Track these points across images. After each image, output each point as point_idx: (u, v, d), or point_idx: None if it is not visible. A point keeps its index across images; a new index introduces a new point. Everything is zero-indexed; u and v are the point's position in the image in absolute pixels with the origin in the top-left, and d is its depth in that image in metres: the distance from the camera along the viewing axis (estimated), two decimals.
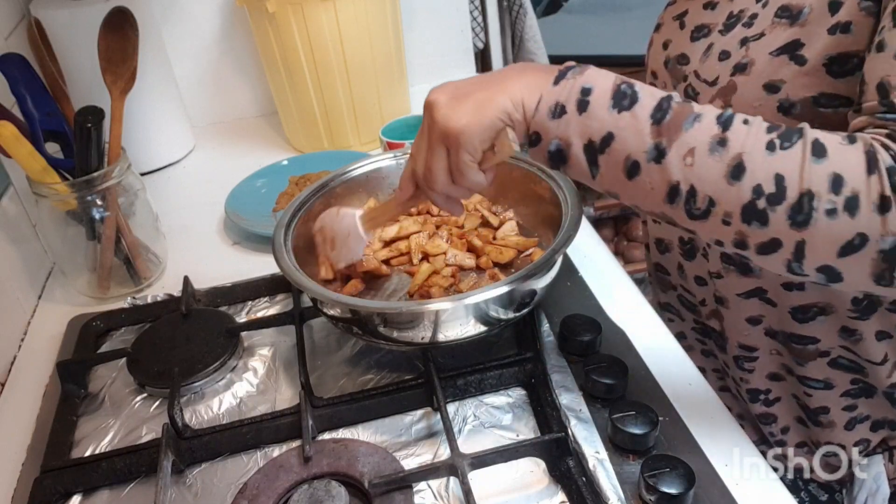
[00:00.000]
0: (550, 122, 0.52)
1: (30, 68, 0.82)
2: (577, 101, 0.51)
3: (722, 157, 0.47)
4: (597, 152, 0.51)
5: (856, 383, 0.70)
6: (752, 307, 0.71)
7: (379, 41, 1.14)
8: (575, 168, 0.53)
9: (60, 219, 0.86)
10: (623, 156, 0.50)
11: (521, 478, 0.59)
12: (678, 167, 0.48)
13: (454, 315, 0.63)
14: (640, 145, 0.49)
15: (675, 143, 0.48)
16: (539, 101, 0.52)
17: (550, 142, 0.52)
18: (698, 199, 0.48)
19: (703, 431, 0.60)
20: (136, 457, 0.63)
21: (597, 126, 0.50)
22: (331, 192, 0.81)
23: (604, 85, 0.51)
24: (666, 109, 0.49)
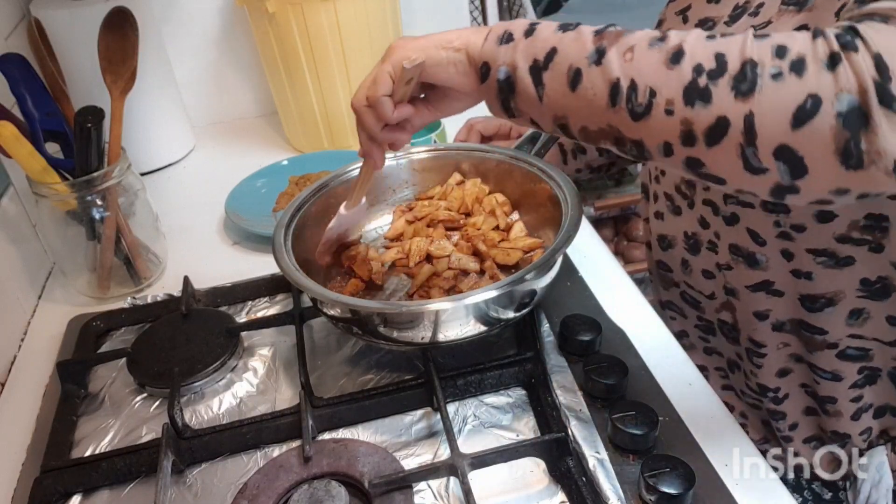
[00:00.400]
0: (498, 49, 0.54)
1: (30, 68, 0.82)
2: (524, 29, 0.54)
3: (661, 48, 0.48)
4: (541, 69, 0.52)
5: (862, 372, 0.70)
6: (759, 301, 0.71)
7: (379, 41, 1.14)
8: (522, 94, 0.54)
9: (60, 219, 0.86)
10: (566, 66, 0.51)
11: (521, 478, 0.59)
12: (618, 64, 0.49)
13: (454, 315, 0.63)
14: (582, 52, 0.51)
15: (616, 44, 0.50)
16: (488, 34, 0.55)
17: (498, 69, 0.54)
18: (639, 92, 0.48)
19: (703, 431, 0.60)
20: (136, 457, 0.63)
21: (541, 46, 0.53)
22: (331, 192, 0.81)
23: (550, 23, 0.55)
24: (607, 28, 0.52)
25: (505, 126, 0.89)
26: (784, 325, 0.71)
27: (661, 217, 0.80)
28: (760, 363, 0.75)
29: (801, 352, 0.72)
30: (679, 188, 0.75)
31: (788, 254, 0.67)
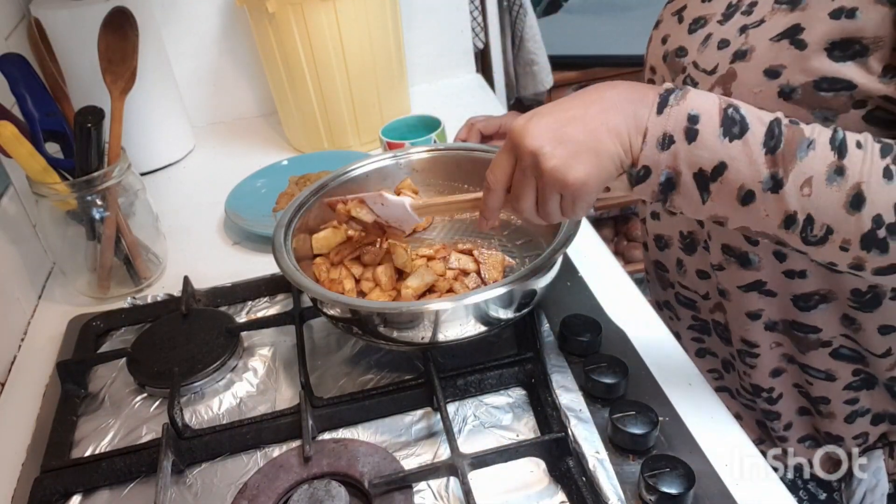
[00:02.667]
0: (660, 155, 0.51)
1: (30, 68, 0.82)
2: (684, 129, 0.50)
3: (840, 186, 0.48)
4: (708, 181, 0.50)
5: (857, 374, 0.70)
6: (751, 301, 0.71)
7: (379, 41, 1.14)
8: (684, 196, 0.52)
9: (60, 219, 0.86)
10: (737, 185, 0.50)
11: (521, 478, 0.59)
12: (795, 197, 0.49)
13: (454, 315, 0.63)
14: (755, 175, 0.49)
15: (792, 172, 0.48)
16: (645, 135, 0.51)
17: (661, 173, 0.51)
18: (815, 227, 0.49)
19: (703, 431, 0.60)
20: (136, 457, 0.63)
21: (707, 156, 0.50)
22: (331, 192, 0.81)
23: (710, 109, 0.50)
24: (778, 136, 0.49)
25: (505, 126, 0.89)
26: (776, 325, 0.72)
27: (657, 217, 0.80)
28: (754, 363, 0.75)
29: (793, 352, 0.73)
30: None
31: (781, 255, 0.67)
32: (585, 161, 0.51)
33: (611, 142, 0.51)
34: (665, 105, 0.51)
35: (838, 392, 0.72)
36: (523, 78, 1.69)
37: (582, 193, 0.52)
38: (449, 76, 1.42)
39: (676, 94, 0.51)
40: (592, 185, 0.52)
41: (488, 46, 1.53)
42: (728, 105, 0.50)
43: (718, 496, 0.55)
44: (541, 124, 0.53)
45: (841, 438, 0.74)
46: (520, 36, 1.64)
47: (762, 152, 0.49)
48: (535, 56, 1.65)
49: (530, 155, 0.52)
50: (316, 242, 0.76)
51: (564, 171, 0.51)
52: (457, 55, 1.41)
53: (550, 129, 0.52)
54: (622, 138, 0.51)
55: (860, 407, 0.72)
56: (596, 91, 0.54)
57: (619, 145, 0.51)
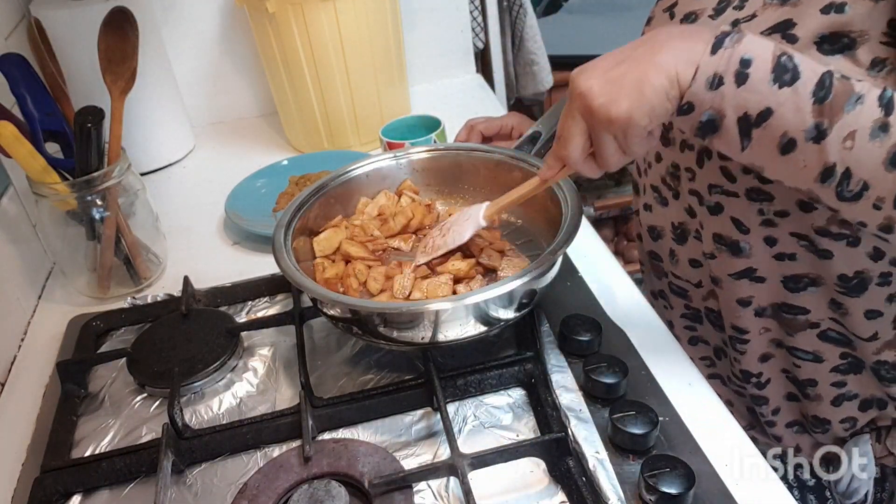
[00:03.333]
0: (706, 94, 0.51)
1: (30, 68, 0.82)
2: (735, 72, 0.50)
3: (883, 143, 0.48)
4: (752, 126, 0.51)
5: (845, 357, 0.71)
6: (742, 288, 0.72)
7: (379, 41, 1.14)
8: (724, 139, 0.53)
9: (60, 219, 0.86)
10: (780, 132, 0.50)
11: (521, 478, 0.59)
12: (836, 149, 0.49)
13: (454, 315, 0.63)
14: (800, 123, 0.49)
15: (837, 124, 0.49)
16: (696, 72, 0.51)
17: (703, 112, 0.52)
18: (852, 181, 0.50)
19: (703, 431, 0.60)
20: (136, 457, 0.63)
21: (755, 100, 0.50)
22: (331, 192, 0.81)
23: (763, 55, 0.50)
24: (828, 87, 0.49)
25: (506, 127, 0.89)
26: (765, 310, 0.72)
27: (649, 209, 0.81)
28: (743, 349, 0.75)
29: (781, 336, 0.73)
30: (665, 179, 0.76)
31: (772, 240, 0.67)
32: (629, 95, 0.52)
33: (657, 76, 0.51)
34: (720, 46, 0.51)
35: (825, 374, 0.72)
36: (523, 78, 1.69)
37: (629, 127, 0.52)
38: (449, 76, 1.42)
39: (732, 37, 0.51)
40: (637, 117, 0.52)
41: (488, 46, 1.53)
42: (782, 52, 0.50)
43: (718, 496, 0.55)
44: (592, 68, 0.54)
45: (828, 422, 0.74)
46: (520, 36, 1.64)
47: (810, 101, 0.49)
48: (535, 56, 1.65)
49: (579, 97, 0.54)
50: (317, 245, 0.77)
51: (608, 107, 0.52)
52: (457, 55, 1.41)
53: (599, 71, 0.54)
54: (670, 73, 0.51)
55: (847, 391, 0.72)
56: (649, 35, 0.55)
57: (667, 79, 0.51)
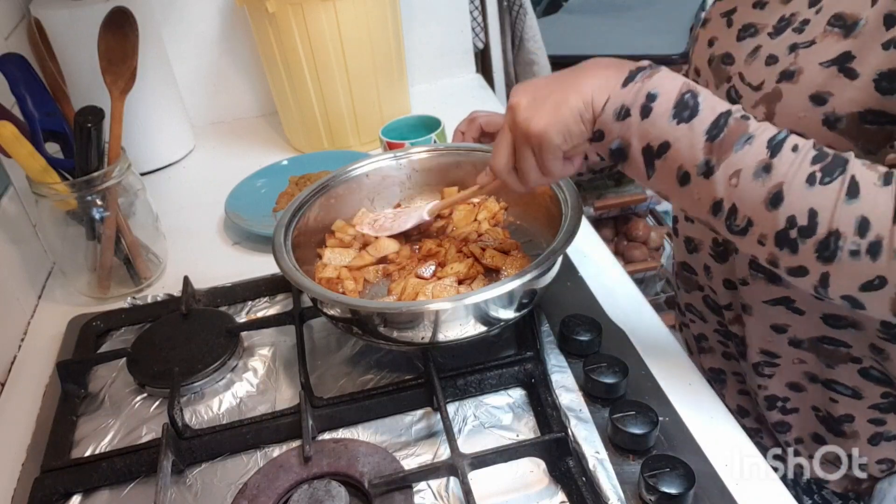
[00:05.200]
0: (614, 124, 0.55)
1: (30, 68, 0.82)
2: (641, 105, 0.54)
3: (764, 182, 0.50)
4: (654, 156, 0.54)
5: (886, 397, 0.68)
6: (778, 315, 0.70)
7: (379, 41, 1.14)
8: (633, 166, 0.56)
9: (60, 219, 0.86)
10: (676, 164, 0.53)
11: (521, 478, 0.59)
12: (723, 185, 0.52)
13: (454, 315, 0.63)
14: (693, 158, 0.52)
15: (724, 162, 0.51)
16: (606, 101, 0.55)
17: (612, 140, 0.56)
18: (738, 217, 0.52)
19: (703, 431, 0.60)
20: (136, 457, 0.63)
21: (655, 133, 0.53)
22: (331, 192, 0.81)
23: (669, 91, 0.53)
24: (722, 126, 0.52)
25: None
26: (802, 342, 0.70)
27: (691, 220, 0.79)
28: (772, 372, 0.73)
29: (818, 371, 0.71)
30: None
31: None
32: (548, 113, 0.56)
33: (574, 99, 0.56)
34: (631, 80, 0.55)
35: (864, 410, 0.69)
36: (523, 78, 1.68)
37: (543, 143, 0.57)
38: (449, 76, 1.42)
39: (644, 73, 0.55)
40: (551, 134, 0.56)
41: (488, 46, 1.52)
42: (688, 90, 0.53)
43: (718, 496, 0.55)
44: (526, 85, 0.60)
45: (864, 463, 0.71)
46: (520, 36, 1.63)
47: (703, 138, 0.52)
48: (535, 56, 1.65)
49: (509, 110, 0.59)
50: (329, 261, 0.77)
51: (528, 122, 0.57)
52: (457, 55, 1.41)
53: (531, 89, 0.59)
54: (585, 98, 0.55)
55: (886, 430, 0.70)
56: (584, 63, 0.59)
57: (582, 103, 0.55)
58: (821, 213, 0.48)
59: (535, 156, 0.59)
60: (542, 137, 0.57)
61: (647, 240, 2.11)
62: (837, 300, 0.51)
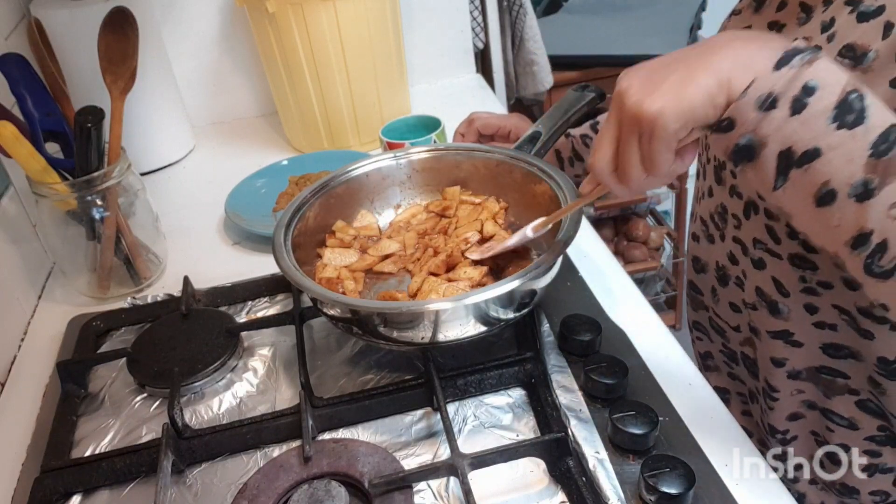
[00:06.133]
0: (753, 114, 0.45)
1: (30, 68, 0.82)
2: (793, 97, 0.44)
3: None
4: (792, 164, 0.45)
5: (883, 430, 0.67)
6: (776, 349, 0.69)
7: (379, 41, 1.14)
8: (758, 170, 0.46)
9: (60, 219, 0.86)
10: (822, 179, 0.44)
11: (521, 478, 0.59)
12: (879, 215, 0.43)
13: (454, 315, 0.63)
14: (847, 175, 0.43)
15: (889, 186, 0.43)
16: (750, 84, 0.44)
17: (743, 135, 0.46)
18: (886, 256, 0.44)
19: (703, 431, 0.60)
20: (136, 457, 0.63)
21: (806, 135, 0.44)
22: (331, 192, 0.81)
23: (832, 86, 0.44)
24: (893, 142, 0.43)
25: (504, 129, 0.89)
26: (800, 373, 0.69)
27: (697, 239, 0.78)
28: (773, 405, 0.73)
29: (815, 398, 0.69)
30: (713, 217, 0.72)
31: (812, 307, 0.63)
32: (667, 92, 0.45)
33: (705, 76, 0.45)
34: (786, 63, 0.44)
35: (859, 442, 0.68)
36: (523, 78, 1.69)
37: (655, 129, 0.46)
38: (449, 76, 1.42)
39: (804, 56, 0.44)
40: (669, 116, 0.45)
41: (488, 46, 1.52)
42: (854, 89, 0.44)
43: (718, 496, 0.55)
44: (639, 67, 0.49)
45: (856, 491, 0.70)
46: (520, 36, 1.63)
47: (867, 153, 0.43)
48: (535, 56, 1.65)
49: (616, 95, 0.48)
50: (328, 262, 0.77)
51: (640, 103, 0.46)
52: (457, 55, 1.41)
53: (645, 69, 0.48)
54: (721, 76, 0.45)
55: (882, 462, 0.68)
56: (711, 38, 0.49)
57: (716, 81, 0.45)
58: None
59: (643, 146, 0.48)
60: (657, 120, 0.45)
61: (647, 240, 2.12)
62: None
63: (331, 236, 0.80)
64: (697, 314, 0.83)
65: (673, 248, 2.18)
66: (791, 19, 0.62)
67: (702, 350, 0.85)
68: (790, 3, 0.62)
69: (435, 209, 0.83)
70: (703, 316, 0.82)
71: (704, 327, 0.83)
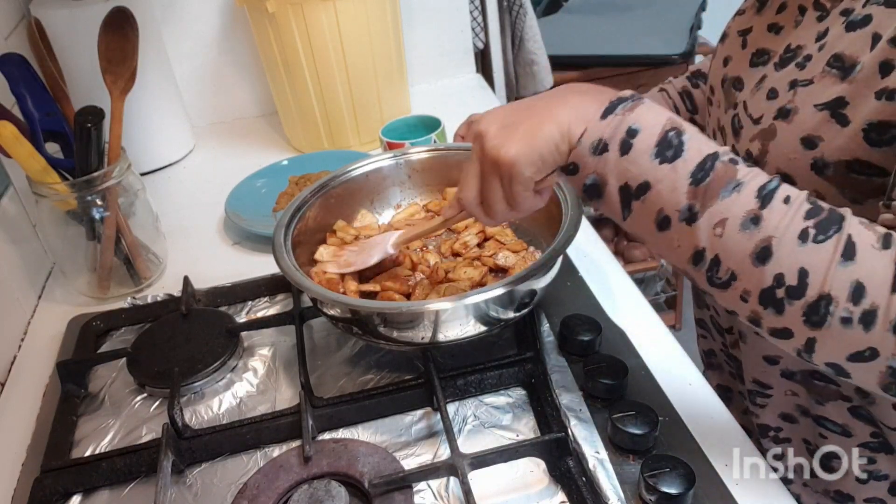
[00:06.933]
0: (590, 158, 0.51)
1: (30, 68, 0.82)
2: (620, 140, 0.50)
3: (752, 235, 0.46)
4: (632, 197, 0.50)
5: (876, 437, 0.66)
6: (769, 346, 0.68)
7: (379, 41, 1.14)
8: (608, 205, 0.52)
9: (60, 219, 0.86)
10: (656, 207, 0.49)
11: (521, 478, 0.59)
12: (707, 234, 0.48)
13: (454, 315, 0.63)
14: (674, 203, 0.49)
15: (709, 209, 0.48)
16: (583, 133, 0.51)
17: (587, 176, 0.51)
18: (721, 269, 0.48)
19: (703, 431, 0.60)
20: (136, 457, 0.63)
21: (635, 172, 0.49)
22: (331, 192, 0.81)
23: (652, 127, 0.50)
24: (708, 170, 0.48)
25: None
26: (794, 374, 0.69)
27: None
28: (764, 403, 0.73)
29: (808, 405, 0.69)
30: None
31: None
32: (519, 140, 0.52)
33: (549, 126, 0.52)
34: (611, 112, 0.51)
35: (853, 448, 0.68)
36: (523, 78, 1.69)
37: (514, 174, 0.53)
38: (449, 76, 1.42)
39: (626, 104, 0.51)
40: (523, 163, 0.52)
41: (488, 46, 1.52)
42: (672, 127, 0.50)
43: (718, 496, 0.55)
44: (494, 113, 0.56)
45: (851, 498, 0.70)
46: (520, 36, 1.63)
47: (687, 181, 0.48)
48: (535, 56, 1.65)
49: (476, 138, 0.55)
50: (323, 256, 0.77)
51: (497, 150, 0.53)
52: (457, 55, 1.41)
53: (500, 116, 0.55)
54: (562, 126, 0.51)
55: (876, 469, 0.67)
56: (556, 89, 0.56)
57: (558, 131, 0.51)
58: (812, 274, 0.45)
59: (504, 187, 0.55)
60: (514, 167, 0.53)
61: None
62: (822, 366, 0.48)
63: (331, 235, 0.80)
64: (701, 312, 0.83)
65: None
66: (789, 21, 0.63)
67: (705, 348, 0.85)
68: (790, 5, 0.63)
69: (434, 209, 0.83)
70: (705, 314, 0.82)
71: (707, 325, 0.83)
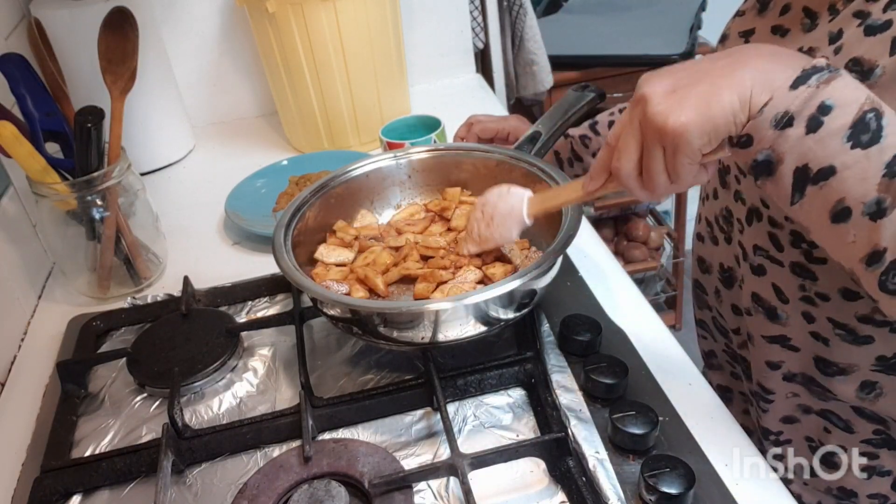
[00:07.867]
0: (769, 131, 0.46)
1: (30, 68, 0.82)
2: (809, 116, 0.45)
3: None
4: (808, 181, 0.46)
5: (879, 434, 0.67)
6: (773, 352, 0.69)
7: (379, 41, 1.14)
8: (776, 186, 0.47)
9: (60, 219, 0.86)
10: (837, 196, 0.45)
11: (521, 478, 0.59)
12: (892, 233, 0.44)
13: (454, 315, 0.63)
14: (861, 194, 0.44)
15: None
16: (767, 102, 0.45)
17: (761, 151, 0.47)
18: None
19: (703, 431, 0.60)
20: (136, 457, 0.63)
21: (820, 154, 0.45)
22: (331, 192, 0.81)
23: (848, 106, 0.44)
24: None
25: (503, 131, 0.89)
26: (795, 376, 0.69)
27: (702, 240, 0.78)
28: (766, 408, 0.73)
29: (810, 402, 0.69)
30: (718, 220, 0.73)
31: (810, 316, 0.64)
32: (692, 107, 0.46)
33: (729, 93, 0.46)
34: (803, 82, 0.45)
35: (856, 444, 0.68)
36: (523, 78, 1.69)
37: (680, 144, 0.47)
38: (449, 76, 1.42)
39: (822, 75, 0.45)
40: (693, 132, 0.46)
41: (488, 46, 1.52)
42: (871, 108, 0.44)
43: (718, 496, 0.55)
44: (661, 73, 0.49)
45: (854, 494, 0.70)
46: (520, 36, 1.63)
47: (881, 172, 0.44)
48: (535, 56, 1.65)
49: (639, 101, 0.49)
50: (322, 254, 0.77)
51: (665, 116, 0.47)
52: (457, 55, 1.41)
53: (668, 77, 0.49)
54: (743, 93, 0.45)
55: (879, 465, 0.67)
56: (736, 48, 0.49)
57: (738, 99, 0.46)
58: None
59: (667, 157, 0.49)
60: (681, 137, 0.46)
61: (647, 240, 2.12)
62: None
63: (331, 235, 0.80)
64: (702, 312, 0.83)
65: (673, 248, 2.18)
66: (795, 24, 0.62)
67: (706, 348, 0.85)
68: (794, 7, 0.62)
69: (434, 209, 0.83)
70: (707, 315, 0.82)
71: (708, 326, 0.83)
